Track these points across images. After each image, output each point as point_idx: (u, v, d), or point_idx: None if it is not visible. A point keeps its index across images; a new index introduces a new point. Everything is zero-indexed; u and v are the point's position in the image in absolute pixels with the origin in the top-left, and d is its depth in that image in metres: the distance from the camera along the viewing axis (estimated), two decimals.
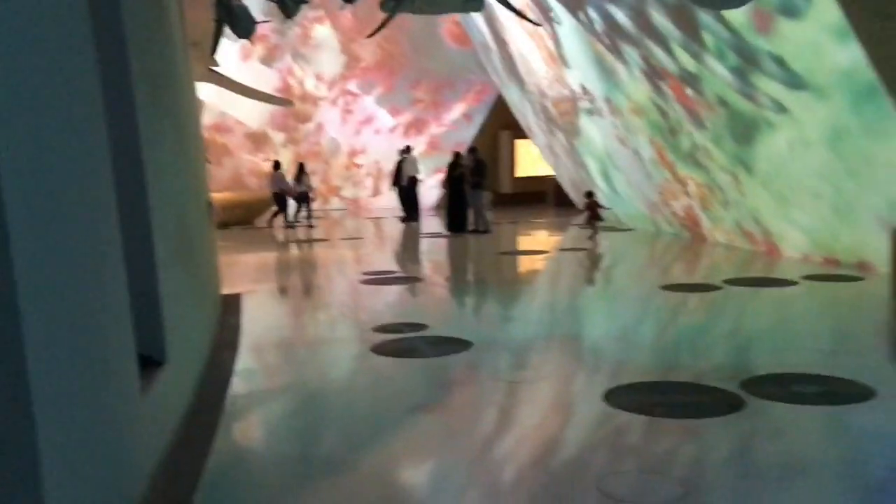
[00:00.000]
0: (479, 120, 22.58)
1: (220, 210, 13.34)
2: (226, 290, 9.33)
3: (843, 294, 8.54)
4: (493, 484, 4.01)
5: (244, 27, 8.10)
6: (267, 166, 20.18)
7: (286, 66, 21.62)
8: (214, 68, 12.08)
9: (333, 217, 21.13)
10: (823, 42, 8.19)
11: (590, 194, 14.63)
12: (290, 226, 18.33)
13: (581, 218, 15.43)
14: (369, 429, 4.86)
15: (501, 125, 22.31)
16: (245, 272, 11.61)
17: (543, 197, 22.70)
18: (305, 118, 22.38)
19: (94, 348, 3.08)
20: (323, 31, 21.31)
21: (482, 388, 5.75)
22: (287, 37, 20.84)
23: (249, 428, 5.14)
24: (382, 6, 7.35)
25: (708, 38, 9.75)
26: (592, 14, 11.96)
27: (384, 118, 22.53)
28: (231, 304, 8.90)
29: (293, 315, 8.99)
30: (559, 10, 13.08)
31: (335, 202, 23.19)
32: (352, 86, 22.15)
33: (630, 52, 11.78)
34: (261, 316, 8.51)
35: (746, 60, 9.39)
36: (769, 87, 9.34)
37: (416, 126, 22.57)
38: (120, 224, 3.68)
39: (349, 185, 23.34)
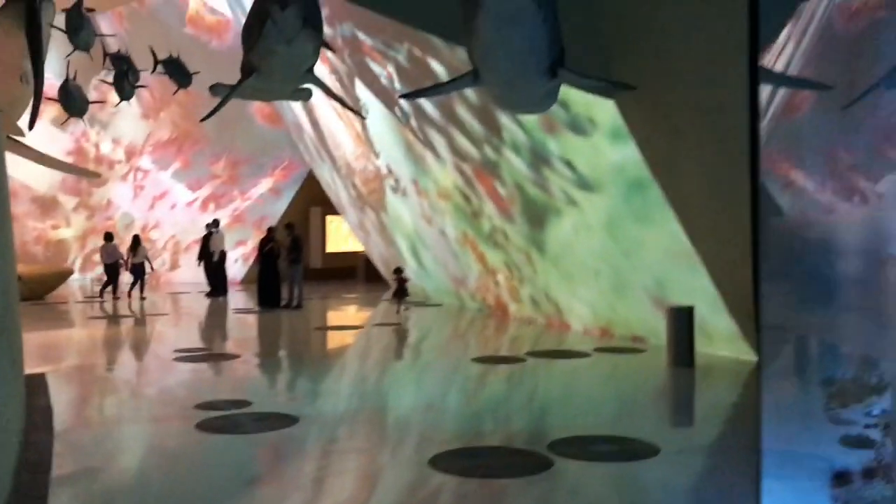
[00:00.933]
0: (288, 195, 22.79)
1: None
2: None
3: (628, 364, 9.62)
4: None
5: (78, 107, 8.03)
6: (56, 234, 19.14)
7: (80, 130, 20.82)
8: (17, 137, 11.60)
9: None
10: (602, 144, 9.49)
11: (398, 270, 15.29)
12: (117, 298, 17.54)
13: (389, 293, 16.00)
14: (212, 497, 4.98)
15: (313, 201, 22.68)
16: (46, 351, 11.02)
17: (354, 272, 23.17)
18: (101, 182, 21.56)
19: None
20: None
21: (313, 460, 6.01)
22: None
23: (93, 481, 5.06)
24: (212, 90, 7.64)
25: (506, 134, 10.86)
26: (404, 105, 12.82)
27: (181, 192, 22.22)
28: (36, 384, 8.49)
29: (107, 394, 8.72)
30: (367, 98, 13.86)
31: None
32: (144, 161, 21.73)
33: (438, 139, 12.72)
34: (71, 396, 8.20)
35: (538, 157, 10.58)
36: (558, 181, 10.56)
37: (215, 199, 22.38)
38: None
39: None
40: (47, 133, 19.72)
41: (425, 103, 12.11)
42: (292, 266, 15.91)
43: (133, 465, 5.91)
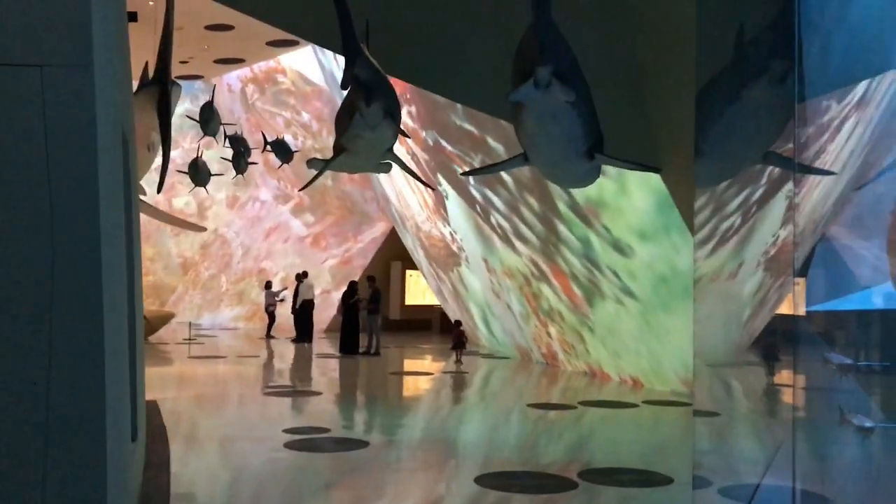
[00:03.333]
0: (372, 249, 24.46)
1: None
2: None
3: (668, 415, 10.49)
4: None
5: (202, 178, 9.65)
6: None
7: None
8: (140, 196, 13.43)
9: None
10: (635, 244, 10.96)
11: (458, 323, 16.55)
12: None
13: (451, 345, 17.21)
14: (296, 496, 6.23)
15: (394, 256, 24.20)
16: (166, 382, 12.62)
17: (430, 324, 24.45)
18: None
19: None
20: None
21: (379, 474, 7.21)
22: None
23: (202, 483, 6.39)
24: (309, 164, 9.09)
25: (562, 228, 12.31)
26: (476, 195, 14.45)
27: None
28: (151, 407, 9.98)
29: (212, 418, 10.15)
30: (445, 184, 15.54)
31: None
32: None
33: (504, 224, 14.20)
34: (182, 419, 9.65)
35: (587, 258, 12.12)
36: (602, 277, 11.83)
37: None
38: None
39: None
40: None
41: (494, 198, 13.68)
42: (371, 316, 17.28)
43: (233, 474, 7.23)
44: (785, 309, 12.28)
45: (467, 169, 13.98)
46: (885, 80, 9.45)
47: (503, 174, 12.78)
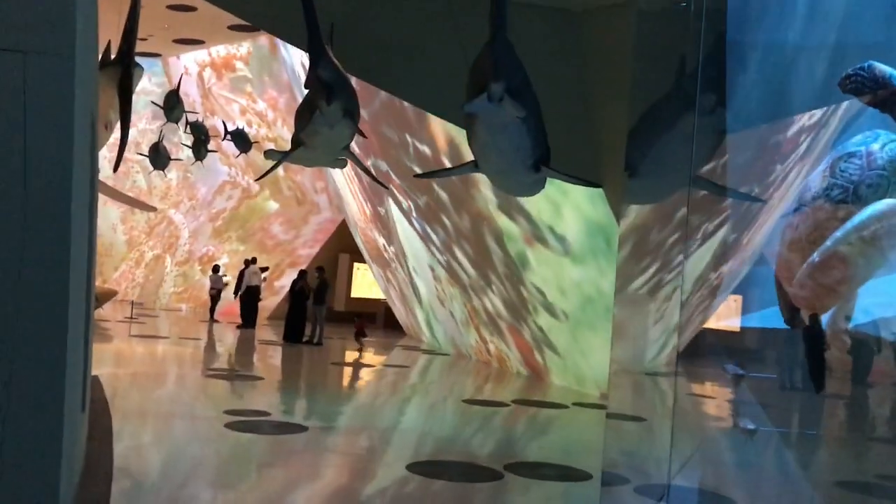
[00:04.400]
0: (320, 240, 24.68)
1: None
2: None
3: (595, 417, 10.99)
4: None
5: (163, 163, 9.82)
6: None
7: None
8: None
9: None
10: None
11: (359, 315, 17.15)
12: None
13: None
14: (232, 475, 6.51)
15: (342, 248, 24.41)
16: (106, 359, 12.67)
17: (374, 318, 24.72)
18: None
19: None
20: None
21: (315, 457, 7.52)
22: None
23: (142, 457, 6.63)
24: (266, 155, 9.33)
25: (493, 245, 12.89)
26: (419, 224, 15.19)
27: None
28: (94, 381, 10.10)
29: (153, 396, 10.31)
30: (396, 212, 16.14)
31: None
32: None
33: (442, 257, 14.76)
34: (122, 395, 9.80)
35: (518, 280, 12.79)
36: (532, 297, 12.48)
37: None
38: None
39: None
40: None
41: (432, 234, 14.44)
42: (317, 306, 17.52)
43: (172, 450, 7.47)
44: (692, 324, 13.09)
45: (411, 204, 14.75)
46: (818, 114, 10.12)
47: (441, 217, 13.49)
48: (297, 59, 17.70)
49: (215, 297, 21.30)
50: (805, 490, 7.36)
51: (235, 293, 20.98)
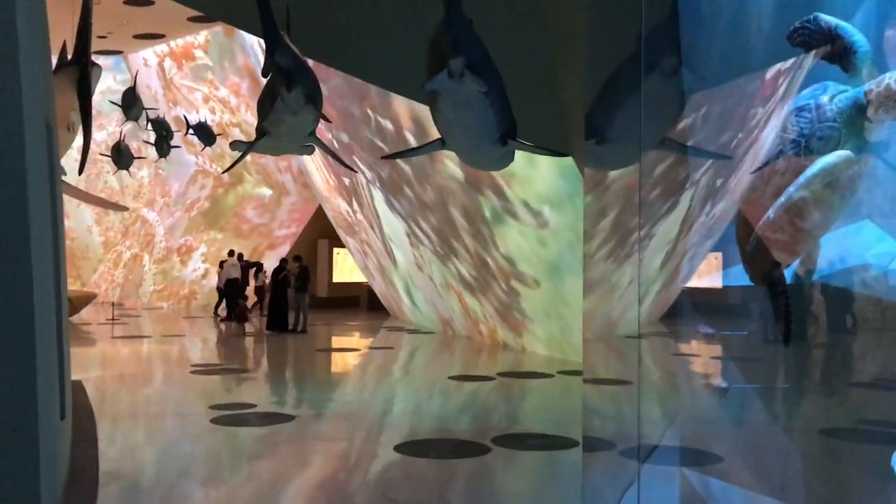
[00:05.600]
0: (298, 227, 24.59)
1: None
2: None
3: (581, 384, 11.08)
4: (316, 495, 5.84)
5: (126, 162, 9.70)
6: None
7: None
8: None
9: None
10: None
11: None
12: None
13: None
14: (222, 470, 6.51)
15: (321, 234, 24.34)
16: (91, 363, 12.61)
17: (358, 301, 24.73)
18: None
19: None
20: None
21: (304, 446, 7.53)
22: None
23: (130, 459, 6.62)
24: (232, 146, 9.24)
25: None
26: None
27: None
28: (77, 387, 10.04)
29: (138, 396, 10.27)
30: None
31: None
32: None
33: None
34: (108, 398, 9.76)
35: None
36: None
37: None
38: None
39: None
40: None
41: (396, 204, 14.52)
42: (299, 294, 17.48)
43: (160, 449, 7.45)
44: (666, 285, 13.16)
45: (373, 178, 14.67)
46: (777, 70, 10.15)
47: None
48: (258, 42, 17.58)
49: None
50: (790, 440, 7.47)
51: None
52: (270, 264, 20.26)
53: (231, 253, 20.90)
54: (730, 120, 10.78)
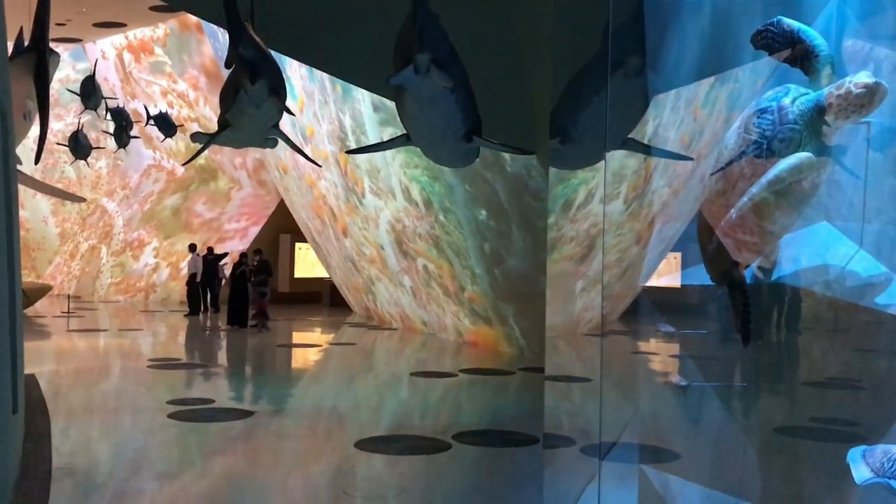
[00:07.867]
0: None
1: None
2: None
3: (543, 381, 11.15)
4: (274, 491, 5.79)
5: (84, 152, 9.49)
6: None
7: None
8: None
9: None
10: None
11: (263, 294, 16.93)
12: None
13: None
14: (178, 464, 6.42)
15: (282, 229, 24.11)
16: (45, 357, 12.34)
17: (319, 297, 24.55)
18: None
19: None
20: None
21: (262, 441, 7.46)
22: None
23: (84, 454, 6.48)
24: (193, 138, 9.12)
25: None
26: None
27: None
28: (30, 381, 9.82)
29: (94, 391, 10.09)
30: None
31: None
32: None
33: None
34: (63, 393, 9.56)
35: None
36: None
37: None
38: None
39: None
40: None
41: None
42: (257, 288, 17.26)
43: (116, 445, 7.32)
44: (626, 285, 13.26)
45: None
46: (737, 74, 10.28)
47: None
48: (219, 35, 17.32)
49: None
50: (746, 437, 7.59)
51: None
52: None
53: (192, 247, 20.61)
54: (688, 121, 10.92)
